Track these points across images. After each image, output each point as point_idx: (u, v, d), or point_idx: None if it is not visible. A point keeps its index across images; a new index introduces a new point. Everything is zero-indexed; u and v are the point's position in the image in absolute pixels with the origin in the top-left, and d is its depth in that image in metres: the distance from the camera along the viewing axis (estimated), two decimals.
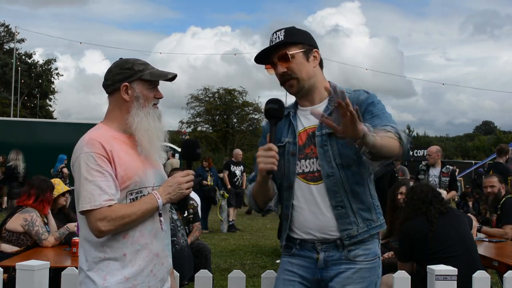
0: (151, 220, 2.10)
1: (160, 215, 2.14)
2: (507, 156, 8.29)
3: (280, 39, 2.17)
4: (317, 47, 2.23)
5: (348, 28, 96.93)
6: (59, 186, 5.07)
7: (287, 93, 2.29)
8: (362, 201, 2.16)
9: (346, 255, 2.15)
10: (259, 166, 2.05)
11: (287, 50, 2.15)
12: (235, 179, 11.82)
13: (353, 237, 2.15)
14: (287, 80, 2.20)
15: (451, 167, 7.92)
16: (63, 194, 5.10)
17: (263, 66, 2.27)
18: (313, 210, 2.17)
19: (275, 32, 2.20)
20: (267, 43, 2.23)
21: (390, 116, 2.13)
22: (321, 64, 2.27)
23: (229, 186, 11.72)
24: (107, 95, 2.18)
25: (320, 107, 2.22)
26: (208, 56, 72.30)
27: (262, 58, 2.25)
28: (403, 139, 2.00)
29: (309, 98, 2.25)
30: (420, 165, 8.23)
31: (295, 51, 2.16)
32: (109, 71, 2.15)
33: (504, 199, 5.50)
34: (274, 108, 2.16)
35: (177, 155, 17.09)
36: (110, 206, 1.97)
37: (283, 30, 2.19)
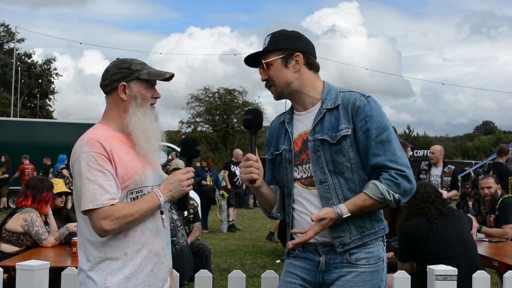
0: (152, 219, 2.10)
1: (161, 212, 2.15)
2: (507, 156, 8.27)
3: (265, 46, 2.20)
4: (302, 50, 2.18)
5: (346, 28, 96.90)
6: (57, 187, 5.05)
7: None
8: None
9: (347, 258, 2.13)
10: (241, 177, 2.17)
11: (264, 58, 2.19)
12: (235, 179, 11.82)
13: (345, 244, 2.13)
14: (268, 87, 2.24)
15: (452, 167, 7.92)
16: (59, 194, 5.08)
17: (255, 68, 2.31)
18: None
19: (266, 37, 2.22)
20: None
21: (392, 141, 2.09)
22: (312, 66, 2.22)
23: (229, 186, 11.71)
24: (105, 95, 2.18)
25: (313, 111, 2.21)
26: (208, 57, 72.40)
27: (255, 62, 2.26)
28: (389, 203, 2.06)
29: (299, 102, 2.24)
30: (422, 165, 8.23)
31: (272, 59, 2.17)
32: (107, 71, 2.15)
33: (501, 199, 5.51)
34: (249, 118, 2.22)
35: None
36: (112, 205, 1.97)
37: (270, 35, 2.21)
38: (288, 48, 2.17)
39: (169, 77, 2.18)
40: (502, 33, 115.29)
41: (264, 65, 2.18)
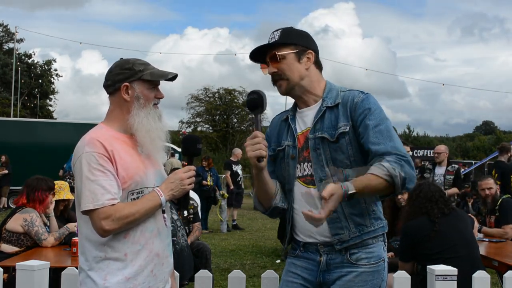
0: (153, 220, 2.10)
1: (163, 211, 2.15)
2: (509, 154, 8.20)
3: (275, 40, 2.17)
4: (313, 49, 2.21)
5: (341, 29, 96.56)
6: (62, 192, 5.05)
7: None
8: (355, 206, 2.13)
9: (348, 258, 2.13)
10: (248, 154, 2.07)
11: (277, 50, 2.16)
12: (238, 179, 11.77)
13: (344, 242, 2.13)
14: (277, 80, 2.20)
15: (456, 166, 7.91)
16: (62, 200, 5.09)
17: (258, 65, 2.27)
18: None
19: (273, 32, 2.21)
20: (261, 44, 2.23)
21: (391, 131, 2.08)
22: (318, 65, 2.24)
23: (231, 187, 11.60)
24: (108, 95, 2.17)
25: (313, 109, 2.22)
26: (205, 57, 72.22)
27: (258, 57, 2.25)
28: (395, 180, 1.96)
29: (303, 99, 2.24)
30: (426, 164, 8.23)
31: (285, 52, 2.16)
32: (110, 72, 2.15)
33: (501, 199, 5.51)
34: (254, 98, 2.15)
35: (177, 155, 17.08)
36: (113, 205, 1.97)
37: (280, 30, 2.20)
38: (301, 44, 2.18)
39: (172, 78, 2.17)
40: (500, 35, 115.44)
41: (278, 57, 2.15)
